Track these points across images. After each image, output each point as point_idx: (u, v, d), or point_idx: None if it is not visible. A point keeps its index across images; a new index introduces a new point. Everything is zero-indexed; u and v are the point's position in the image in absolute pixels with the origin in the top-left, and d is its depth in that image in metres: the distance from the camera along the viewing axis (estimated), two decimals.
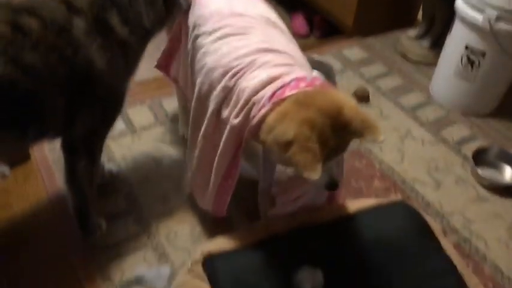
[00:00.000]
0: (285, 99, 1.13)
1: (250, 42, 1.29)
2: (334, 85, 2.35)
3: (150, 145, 1.94)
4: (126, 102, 1.42)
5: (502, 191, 1.90)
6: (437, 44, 2.52)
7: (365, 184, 1.87)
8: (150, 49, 1.46)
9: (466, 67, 2.16)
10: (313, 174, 1.03)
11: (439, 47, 2.39)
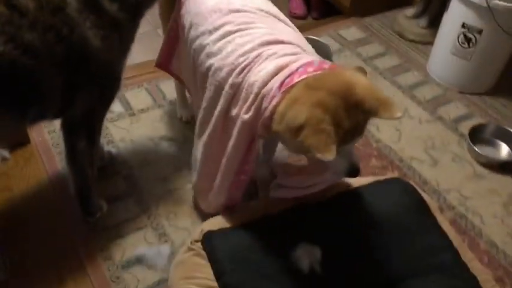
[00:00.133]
0: (294, 86, 1.11)
1: (254, 37, 1.26)
2: None
3: (148, 127, 1.95)
4: (123, 84, 1.43)
5: (498, 168, 1.92)
6: (435, 23, 2.51)
7: (362, 163, 1.88)
8: (146, 32, 1.46)
9: (463, 45, 2.16)
10: (328, 155, 0.99)
11: (436, 25, 2.38)
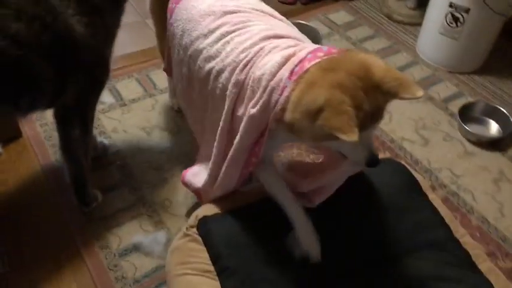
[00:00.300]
0: (306, 72, 1.04)
1: (253, 33, 1.21)
2: None
3: (140, 117, 1.95)
4: (113, 75, 1.44)
5: (488, 145, 1.95)
6: (422, 4, 2.52)
7: None
8: (135, 22, 1.45)
9: (451, 25, 2.17)
10: (352, 135, 0.91)
11: (424, 6, 2.39)
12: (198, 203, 1.61)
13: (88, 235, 1.53)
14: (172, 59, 1.51)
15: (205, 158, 1.38)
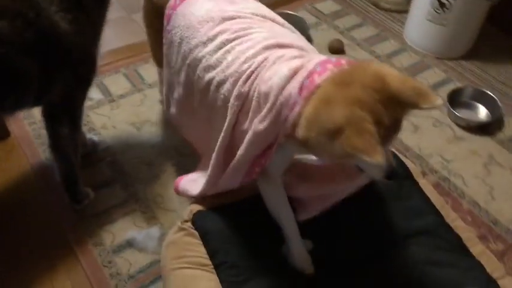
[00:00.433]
0: (318, 86, 0.98)
1: (255, 42, 1.16)
2: (309, 39, 2.36)
3: (129, 112, 1.94)
4: (100, 71, 1.42)
5: (477, 130, 1.96)
6: None
7: None
8: (120, 17, 1.44)
9: (437, 11, 2.18)
10: (378, 157, 0.87)
11: None
12: (190, 198, 1.61)
13: (81, 233, 1.52)
14: (167, 66, 1.44)
15: (205, 166, 1.34)
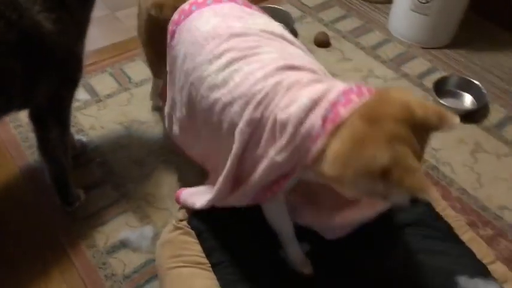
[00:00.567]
0: (345, 121, 0.95)
1: (265, 63, 1.09)
2: (294, 33, 2.36)
3: (117, 112, 1.93)
4: (86, 70, 1.41)
5: (463, 118, 1.98)
6: None
7: None
8: (104, 16, 1.42)
9: (421, 1, 2.19)
10: (432, 192, 0.91)
11: None
12: None
13: (73, 235, 1.52)
14: (171, 83, 1.38)
15: (214, 182, 1.26)
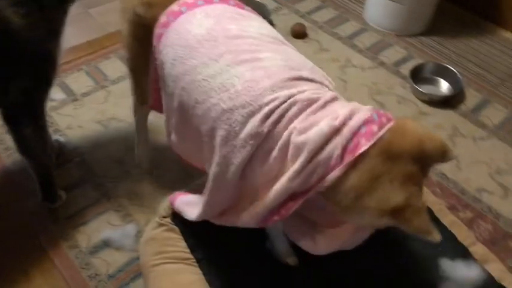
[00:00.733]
0: (365, 154, 0.93)
1: (271, 71, 1.03)
2: (271, 25, 2.35)
3: (94, 110, 1.90)
4: (60, 68, 1.37)
5: (440, 104, 2.02)
6: None
7: None
8: (78, 14, 1.39)
9: None
10: (436, 235, 0.92)
11: None
12: (164, 193, 1.59)
13: (55, 236, 1.49)
14: (161, 92, 1.30)
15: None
